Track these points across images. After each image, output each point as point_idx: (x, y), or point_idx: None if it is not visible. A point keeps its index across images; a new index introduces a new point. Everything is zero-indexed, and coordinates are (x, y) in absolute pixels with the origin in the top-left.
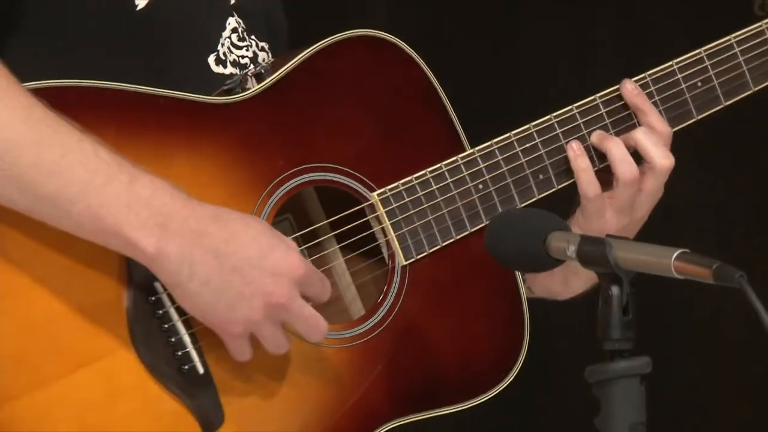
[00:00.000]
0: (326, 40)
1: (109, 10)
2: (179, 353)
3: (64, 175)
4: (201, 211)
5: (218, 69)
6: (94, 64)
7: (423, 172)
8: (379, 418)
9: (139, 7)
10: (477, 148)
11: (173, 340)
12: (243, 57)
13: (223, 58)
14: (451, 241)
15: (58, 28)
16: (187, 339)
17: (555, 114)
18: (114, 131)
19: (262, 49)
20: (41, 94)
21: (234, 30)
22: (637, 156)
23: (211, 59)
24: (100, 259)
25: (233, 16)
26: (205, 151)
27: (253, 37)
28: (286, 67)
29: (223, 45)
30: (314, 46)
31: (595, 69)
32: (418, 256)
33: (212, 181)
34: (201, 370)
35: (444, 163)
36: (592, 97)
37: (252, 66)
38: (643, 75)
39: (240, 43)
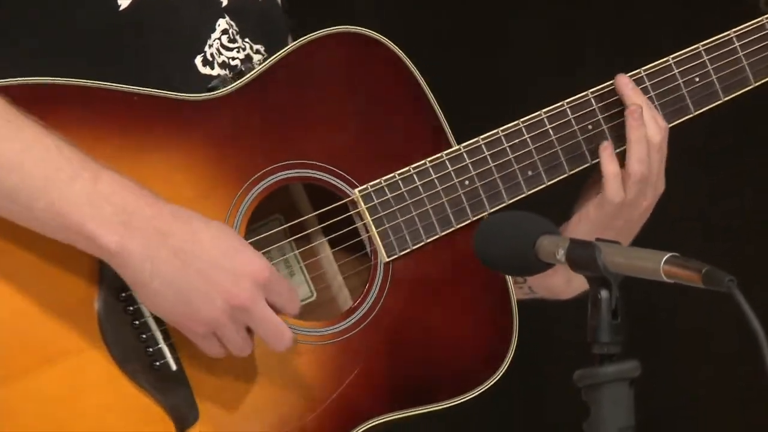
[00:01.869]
0: (307, 36)
1: (90, 11)
2: (151, 350)
3: (24, 169)
4: (166, 211)
5: (205, 70)
6: (73, 65)
7: (407, 168)
8: (360, 416)
9: (122, 7)
10: (463, 144)
11: (145, 336)
12: (233, 59)
13: (211, 59)
14: (436, 237)
15: (34, 30)
16: (159, 335)
17: (545, 110)
18: (88, 130)
19: (257, 52)
20: (9, 92)
21: (224, 32)
22: None
23: (198, 60)
24: (71, 256)
25: (224, 17)
26: (179, 149)
27: (246, 39)
28: (264, 63)
29: (211, 46)
30: (294, 43)
31: (590, 69)
32: (401, 253)
33: (185, 180)
34: (174, 367)
35: (428, 159)
36: (583, 93)
37: (242, 67)
38: (638, 70)
39: (231, 45)
